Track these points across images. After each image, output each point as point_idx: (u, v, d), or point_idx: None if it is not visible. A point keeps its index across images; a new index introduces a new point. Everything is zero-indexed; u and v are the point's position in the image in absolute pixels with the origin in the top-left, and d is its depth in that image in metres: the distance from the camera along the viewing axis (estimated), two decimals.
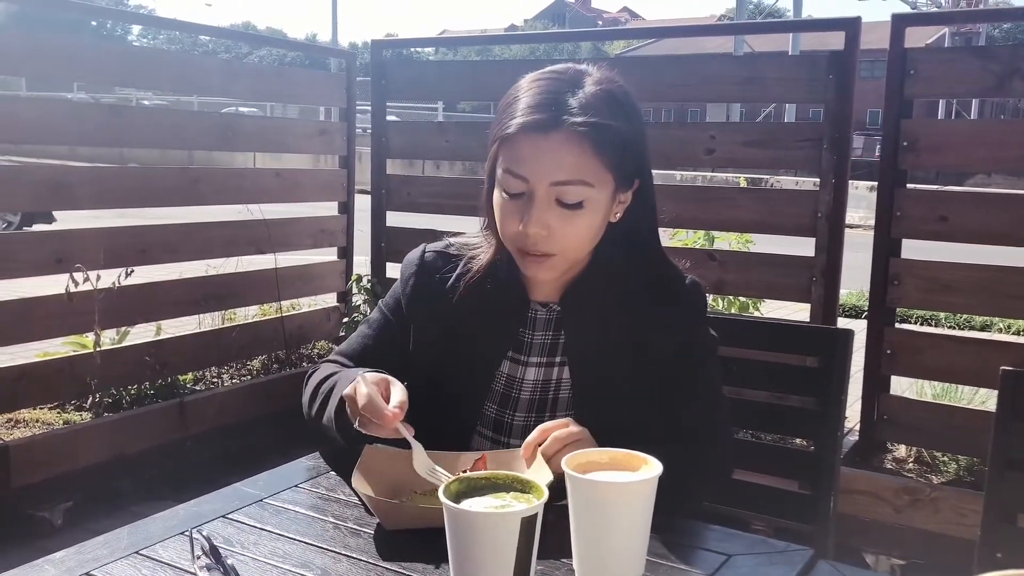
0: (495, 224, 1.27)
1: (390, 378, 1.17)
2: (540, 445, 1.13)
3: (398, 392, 1.14)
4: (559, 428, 1.14)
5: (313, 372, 1.38)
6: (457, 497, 0.90)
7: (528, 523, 0.86)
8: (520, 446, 1.29)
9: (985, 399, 3.25)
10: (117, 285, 3.10)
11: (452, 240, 1.40)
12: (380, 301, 1.45)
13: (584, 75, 1.22)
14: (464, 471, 1.11)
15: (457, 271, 1.34)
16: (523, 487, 0.93)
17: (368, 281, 3.81)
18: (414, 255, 1.40)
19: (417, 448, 1.13)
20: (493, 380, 1.32)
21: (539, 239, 1.20)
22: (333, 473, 1.28)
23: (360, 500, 1.13)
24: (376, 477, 1.14)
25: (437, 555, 0.98)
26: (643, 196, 1.28)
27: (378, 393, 1.13)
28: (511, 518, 0.86)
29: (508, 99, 1.23)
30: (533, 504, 0.88)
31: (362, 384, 1.13)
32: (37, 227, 6.78)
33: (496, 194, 1.25)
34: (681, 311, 1.31)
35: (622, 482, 0.94)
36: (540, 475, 1.07)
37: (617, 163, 1.20)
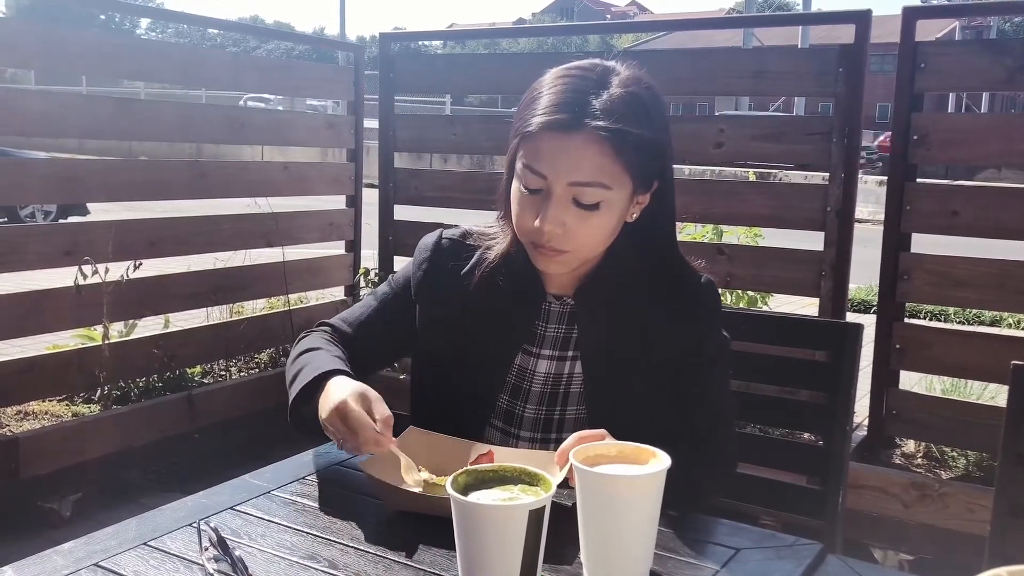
0: (512, 215, 1.26)
1: (370, 394, 1.17)
2: None
3: (382, 409, 1.14)
4: (595, 439, 1.11)
5: (304, 337, 1.38)
6: (465, 489, 0.90)
7: (536, 515, 0.86)
8: (530, 438, 1.30)
9: (995, 394, 3.24)
10: (125, 278, 3.11)
11: (469, 228, 1.39)
12: (391, 275, 1.45)
13: (611, 74, 1.20)
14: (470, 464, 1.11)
15: (472, 260, 1.34)
16: (531, 480, 0.93)
17: (376, 274, 3.81)
18: (430, 239, 1.39)
19: (404, 458, 1.14)
20: (508, 372, 1.32)
21: (553, 237, 1.19)
22: (341, 465, 1.28)
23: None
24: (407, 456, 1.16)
25: (445, 547, 0.98)
26: (662, 197, 1.27)
27: (365, 414, 1.13)
28: (519, 510, 0.86)
29: (532, 94, 1.21)
30: (541, 497, 0.88)
31: (351, 401, 1.13)
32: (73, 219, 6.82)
33: (514, 186, 1.24)
34: (695, 311, 1.30)
35: (631, 475, 0.94)
36: (553, 474, 1.07)
37: (637, 167, 1.19)
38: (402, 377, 3.41)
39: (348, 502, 1.15)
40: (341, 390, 1.16)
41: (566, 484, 1.04)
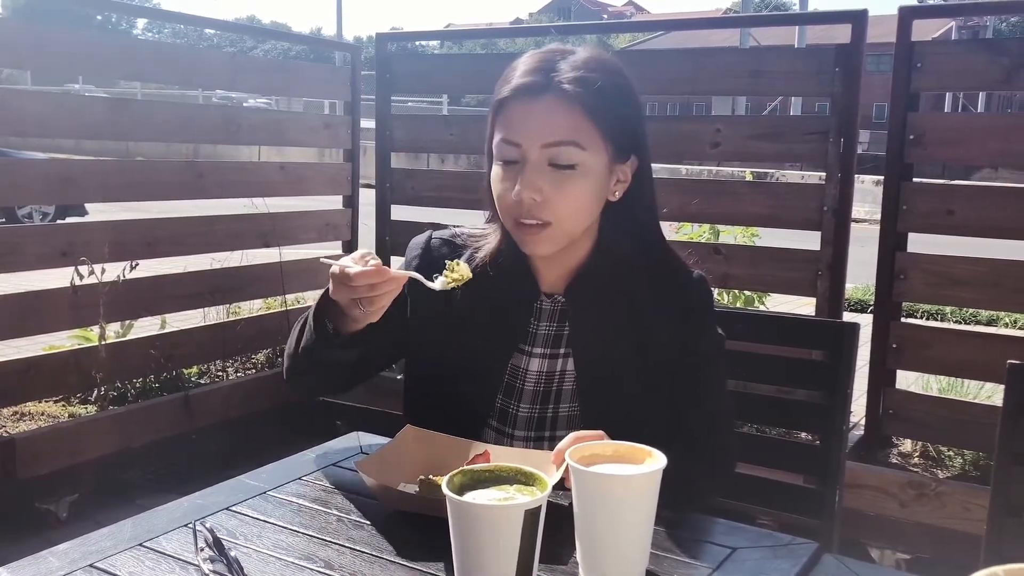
0: (495, 204, 1.28)
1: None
2: None
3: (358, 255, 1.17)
4: (592, 440, 1.12)
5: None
6: (461, 489, 0.90)
7: (532, 515, 0.86)
8: (524, 437, 1.30)
9: (991, 394, 3.24)
10: (122, 278, 3.11)
11: (457, 230, 1.40)
12: None
13: (576, 48, 1.26)
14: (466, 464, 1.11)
15: (462, 261, 1.34)
16: (527, 480, 0.93)
17: None
18: (420, 239, 1.41)
19: (414, 274, 1.20)
20: (505, 371, 1.32)
21: (532, 206, 1.20)
22: (337, 466, 1.27)
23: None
24: (399, 457, 1.17)
25: (441, 547, 0.98)
26: (641, 178, 1.28)
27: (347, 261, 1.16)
28: (514, 510, 0.86)
29: (504, 74, 1.27)
30: (537, 496, 0.88)
31: (335, 265, 1.15)
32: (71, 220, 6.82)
33: (493, 170, 1.26)
34: (688, 308, 1.30)
35: (626, 475, 0.94)
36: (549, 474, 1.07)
37: (610, 129, 1.22)
38: (399, 377, 3.41)
39: (344, 502, 1.15)
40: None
41: (563, 484, 1.04)
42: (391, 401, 1.42)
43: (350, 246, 4.14)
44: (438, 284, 1.19)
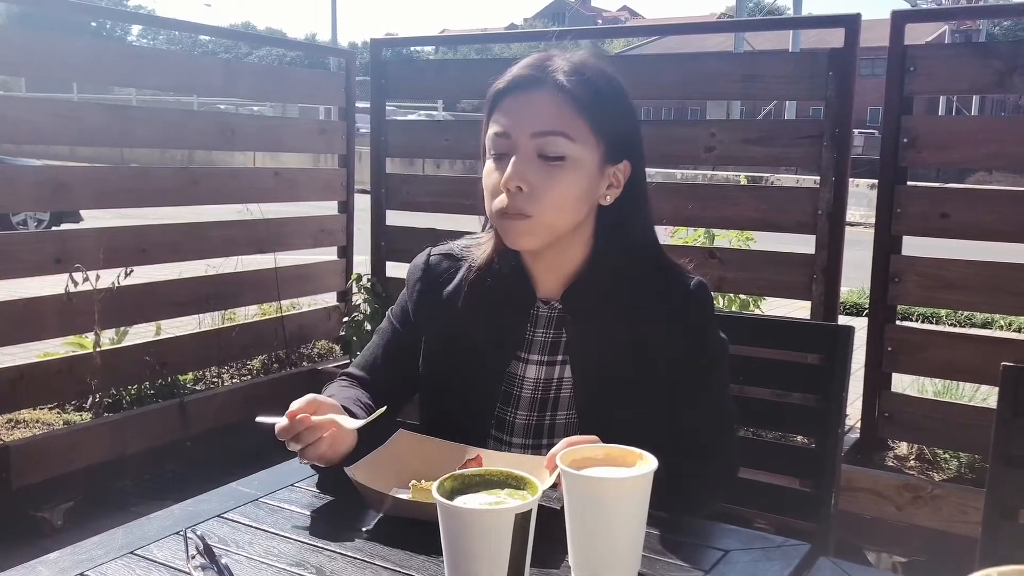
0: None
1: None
2: None
3: (298, 403, 1.17)
4: (586, 444, 1.12)
5: (325, 388, 1.39)
6: (451, 494, 0.90)
7: (522, 519, 0.86)
8: (521, 444, 1.29)
9: (986, 396, 3.24)
10: (116, 285, 3.10)
11: (454, 243, 1.40)
12: (388, 310, 1.45)
13: (576, 50, 1.28)
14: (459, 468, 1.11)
15: (461, 272, 1.34)
16: (518, 483, 0.92)
17: (368, 280, 3.80)
18: (419, 260, 1.40)
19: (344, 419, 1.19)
20: (504, 379, 1.31)
21: (517, 196, 1.20)
22: (328, 471, 1.27)
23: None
24: (391, 462, 1.17)
25: (432, 552, 0.98)
26: (636, 185, 1.28)
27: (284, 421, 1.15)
28: (505, 514, 0.85)
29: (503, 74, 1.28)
30: (528, 500, 0.87)
31: (277, 428, 1.16)
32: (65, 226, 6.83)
33: (485, 165, 1.26)
34: (688, 315, 1.29)
35: (617, 478, 0.94)
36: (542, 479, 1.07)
37: (602, 126, 1.22)
38: None
39: (336, 508, 1.15)
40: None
41: (556, 488, 1.04)
42: (403, 412, 1.42)
43: (345, 252, 4.14)
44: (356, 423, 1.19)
